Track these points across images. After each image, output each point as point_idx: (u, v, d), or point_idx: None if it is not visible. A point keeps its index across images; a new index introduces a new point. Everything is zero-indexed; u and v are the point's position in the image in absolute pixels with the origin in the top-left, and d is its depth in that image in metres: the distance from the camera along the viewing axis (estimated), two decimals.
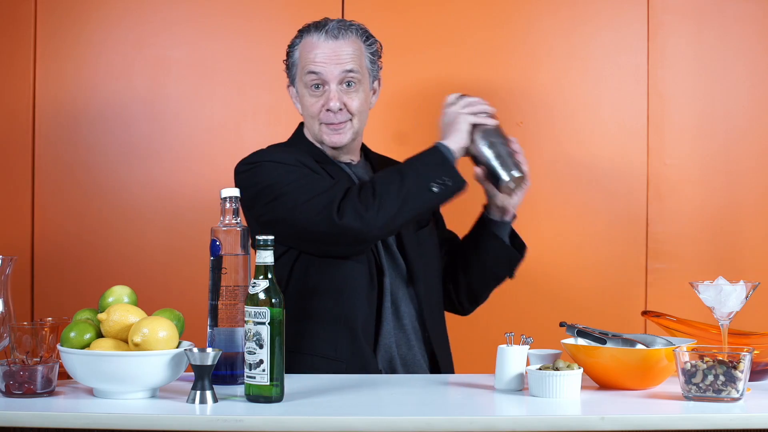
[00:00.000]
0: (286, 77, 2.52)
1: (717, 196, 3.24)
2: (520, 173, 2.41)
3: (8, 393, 1.93)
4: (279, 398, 1.90)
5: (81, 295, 3.12)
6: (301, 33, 2.47)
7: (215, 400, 1.89)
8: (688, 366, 1.95)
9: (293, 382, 2.07)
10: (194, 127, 3.23)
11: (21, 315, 2.37)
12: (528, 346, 2.09)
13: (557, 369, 1.98)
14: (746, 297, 2.07)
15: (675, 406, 1.92)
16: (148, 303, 2.07)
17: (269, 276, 1.92)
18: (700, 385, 1.94)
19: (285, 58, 2.50)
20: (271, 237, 1.93)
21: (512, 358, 2.06)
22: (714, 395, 1.93)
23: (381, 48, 2.50)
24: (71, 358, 1.93)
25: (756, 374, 2.16)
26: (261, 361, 1.89)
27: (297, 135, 2.54)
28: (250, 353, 1.89)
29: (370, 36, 2.48)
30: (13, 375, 1.93)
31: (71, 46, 3.22)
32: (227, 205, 2.10)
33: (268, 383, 1.89)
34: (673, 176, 3.23)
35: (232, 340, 2.06)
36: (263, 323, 1.89)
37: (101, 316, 1.98)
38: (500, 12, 3.23)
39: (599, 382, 2.11)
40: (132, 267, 3.19)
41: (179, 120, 3.23)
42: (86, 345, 1.97)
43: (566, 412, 1.89)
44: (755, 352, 2.00)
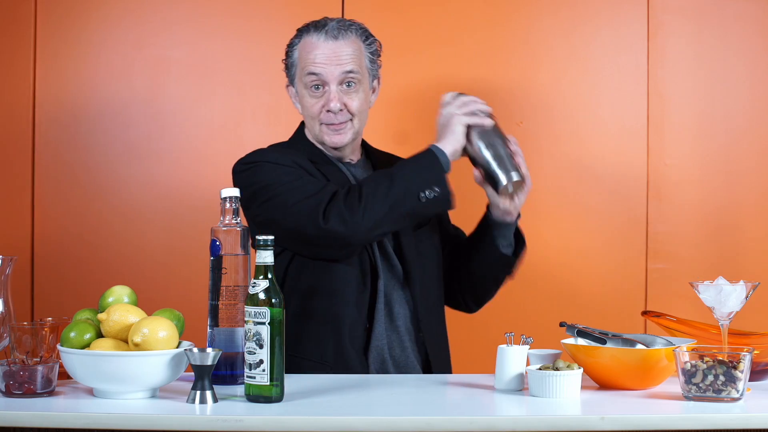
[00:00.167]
0: (285, 77, 2.51)
1: (717, 196, 3.24)
2: (519, 176, 2.36)
3: (8, 393, 1.93)
4: (279, 398, 1.90)
5: (81, 295, 3.12)
6: (300, 33, 2.47)
7: (215, 400, 1.89)
8: (688, 366, 1.95)
9: (293, 382, 2.07)
10: (194, 127, 3.23)
11: (21, 315, 2.37)
12: (528, 346, 2.09)
13: (557, 369, 1.98)
14: (746, 297, 2.07)
15: (675, 406, 1.92)
16: (148, 303, 2.07)
17: (269, 276, 1.92)
18: (700, 385, 1.94)
19: (284, 58, 2.50)
20: (271, 237, 1.93)
21: (512, 358, 2.06)
22: (714, 395, 1.93)
23: (380, 47, 2.50)
24: (71, 358, 1.93)
25: (756, 374, 2.16)
26: (261, 361, 1.89)
27: (297, 134, 2.54)
28: (250, 353, 1.89)
29: (370, 35, 2.48)
30: (13, 375, 1.93)
31: (71, 46, 3.22)
32: (227, 205, 2.10)
33: (268, 383, 1.89)
34: (673, 176, 3.23)
35: (232, 340, 2.06)
36: (263, 323, 1.89)
37: (101, 316, 1.98)
38: (500, 12, 3.24)
39: (599, 382, 2.11)
40: (132, 267, 3.19)
41: (179, 120, 3.23)
42: (86, 345, 1.97)
43: (566, 412, 1.89)
44: (755, 352, 2.00)
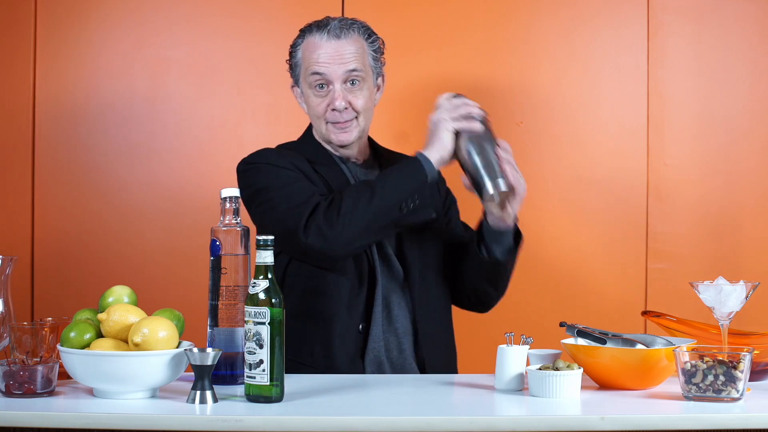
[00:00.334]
0: (290, 77, 2.52)
1: (717, 196, 3.24)
2: (506, 187, 2.29)
3: (8, 393, 1.93)
4: (279, 398, 1.90)
5: (81, 295, 3.12)
6: (303, 33, 2.47)
7: (215, 400, 1.89)
8: (688, 366, 1.95)
9: (293, 382, 2.07)
10: (194, 127, 3.23)
11: (21, 315, 2.37)
12: (528, 346, 2.09)
13: (557, 369, 1.98)
14: (746, 297, 2.07)
15: (675, 406, 1.92)
16: (148, 303, 2.07)
17: (269, 276, 1.91)
18: (700, 385, 1.94)
19: (288, 59, 2.50)
20: (271, 237, 1.93)
21: (512, 358, 2.06)
22: (714, 395, 1.93)
23: (383, 45, 2.50)
24: (71, 358, 1.93)
25: (756, 374, 2.16)
26: (261, 361, 1.89)
27: (306, 135, 2.54)
28: (250, 353, 1.89)
29: (372, 33, 2.48)
30: (13, 375, 1.93)
31: (71, 46, 3.22)
32: (227, 205, 2.09)
33: (268, 383, 1.89)
34: (673, 176, 3.23)
35: (232, 340, 2.06)
36: (263, 323, 1.89)
37: (101, 316, 1.98)
38: (500, 12, 3.24)
39: (599, 382, 2.11)
40: (132, 267, 3.19)
41: (179, 120, 3.23)
42: (86, 345, 1.97)
43: (566, 412, 1.89)
44: (755, 352, 2.00)
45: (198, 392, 1.89)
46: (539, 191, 3.19)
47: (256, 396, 1.89)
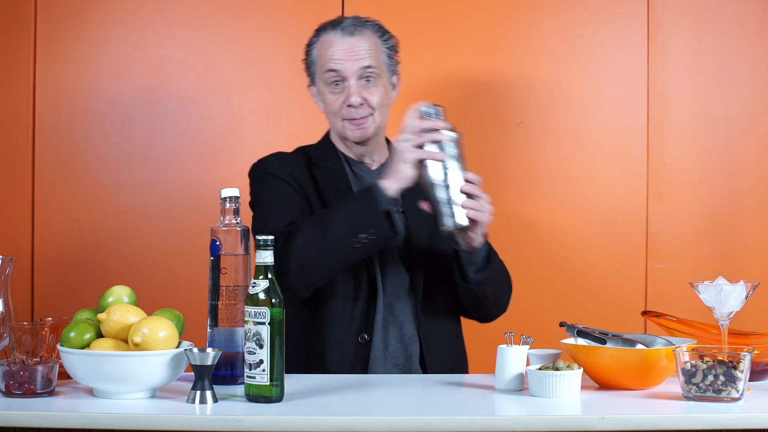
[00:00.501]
0: (306, 76, 2.53)
1: (717, 196, 3.24)
2: (461, 224, 2.21)
3: (8, 393, 1.93)
4: (279, 398, 1.90)
5: (81, 295, 3.12)
6: (318, 32, 2.49)
7: (215, 400, 1.89)
8: (688, 366, 1.95)
9: (293, 382, 2.07)
10: (194, 127, 3.23)
11: (21, 315, 2.37)
12: (528, 346, 2.09)
13: (557, 369, 1.98)
14: (746, 297, 2.07)
15: (675, 406, 1.92)
16: (148, 303, 2.07)
17: (269, 276, 1.92)
18: (700, 385, 1.94)
19: (304, 57, 2.51)
20: (271, 237, 1.93)
21: (512, 358, 2.06)
22: (714, 395, 1.93)
23: (397, 43, 2.51)
24: (71, 358, 1.93)
25: (756, 374, 2.16)
26: (261, 361, 1.89)
27: (324, 138, 2.56)
28: (250, 353, 1.89)
29: (386, 32, 2.50)
30: (13, 375, 1.93)
31: (71, 46, 3.22)
32: (227, 205, 2.10)
33: (268, 383, 1.89)
34: (673, 176, 3.23)
35: (232, 340, 2.06)
36: (263, 323, 1.89)
37: (101, 316, 1.98)
38: (501, 11, 3.23)
39: (599, 382, 2.11)
40: (132, 267, 3.19)
41: (179, 120, 3.23)
42: (86, 345, 1.97)
43: (566, 412, 1.89)
44: (755, 352, 2.00)
45: (198, 392, 1.89)
46: (539, 191, 3.19)
47: (256, 396, 1.90)
